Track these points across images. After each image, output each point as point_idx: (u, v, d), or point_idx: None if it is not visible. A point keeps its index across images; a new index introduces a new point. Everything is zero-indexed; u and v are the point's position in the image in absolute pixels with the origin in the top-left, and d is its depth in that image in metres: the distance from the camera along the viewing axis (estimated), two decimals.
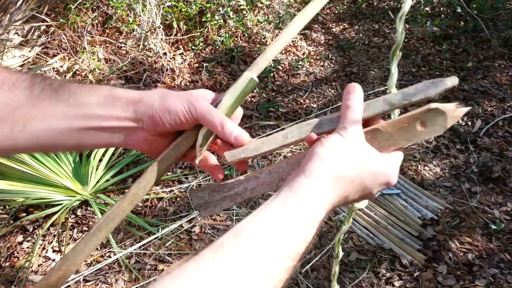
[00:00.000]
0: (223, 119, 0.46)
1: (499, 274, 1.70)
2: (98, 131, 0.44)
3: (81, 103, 0.42)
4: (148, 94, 0.45)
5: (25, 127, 0.40)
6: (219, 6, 3.26)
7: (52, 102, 0.41)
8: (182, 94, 0.46)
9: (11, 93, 0.39)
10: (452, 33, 3.60)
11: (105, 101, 0.43)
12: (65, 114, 0.42)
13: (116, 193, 2.11)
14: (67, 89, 0.42)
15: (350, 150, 0.41)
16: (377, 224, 1.92)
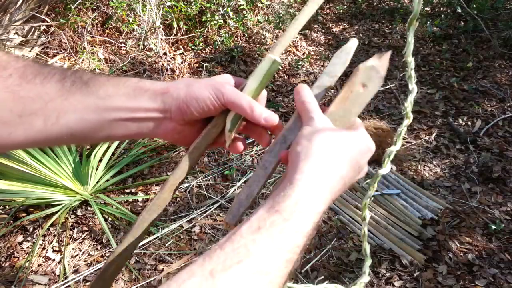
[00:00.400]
0: (252, 102, 0.46)
1: (499, 274, 1.70)
2: (128, 122, 0.45)
3: (111, 96, 0.43)
4: (174, 85, 0.46)
5: (58, 120, 0.41)
6: (219, 6, 3.26)
7: (83, 95, 0.42)
8: (207, 81, 0.46)
9: (43, 86, 0.40)
10: (452, 33, 3.60)
11: (134, 93, 0.44)
12: (96, 107, 0.42)
13: (116, 193, 2.11)
14: (97, 81, 0.43)
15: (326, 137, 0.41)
16: (377, 224, 1.92)
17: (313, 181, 0.37)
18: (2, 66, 0.39)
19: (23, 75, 0.39)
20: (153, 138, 0.61)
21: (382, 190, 2.11)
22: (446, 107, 2.79)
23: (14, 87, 0.39)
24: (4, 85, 0.38)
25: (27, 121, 0.40)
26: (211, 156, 2.38)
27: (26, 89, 0.39)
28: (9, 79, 0.38)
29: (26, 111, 0.39)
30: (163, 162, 2.30)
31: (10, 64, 0.39)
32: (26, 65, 0.40)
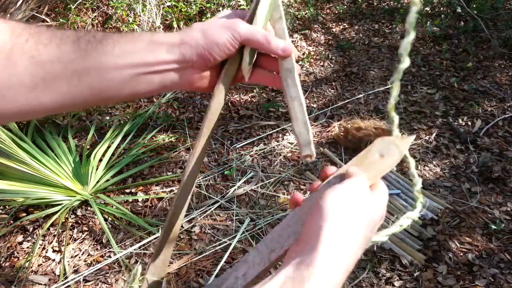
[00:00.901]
0: (267, 35, 0.47)
1: (499, 274, 1.70)
2: (149, 77, 0.45)
3: (128, 52, 0.43)
4: (189, 34, 0.46)
5: (80, 81, 0.41)
6: (219, 6, 3.26)
7: (99, 54, 0.42)
8: (219, 23, 0.47)
9: (60, 49, 0.40)
10: (452, 33, 3.60)
11: (150, 47, 0.44)
12: (115, 65, 0.43)
13: (116, 193, 2.11)
14: (111, 39, 0.43)
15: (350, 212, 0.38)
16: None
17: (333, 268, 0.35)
18: (17, 33, 0.39)
19: (38, 40, 0.39)
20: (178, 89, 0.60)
21: None
22: (446, 107, 2.79)
23: (32, 52, 0.39)
24: (23, 51, 0.38)
25: (51, 85, 0.40)
26: (211, 156, 2.38)
27: (44, 53, 0.39)
28: (26, 45, 0.39)
29: (48, 74, 0.40)
30: (163, 162, 2.30)
31: (24, 30, 0.39)
32: (40, 31, 0.40)
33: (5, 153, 1.85)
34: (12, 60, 0.38)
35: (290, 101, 0.50)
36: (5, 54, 0.38)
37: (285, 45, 0.48)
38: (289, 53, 0.49)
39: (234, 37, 0.46)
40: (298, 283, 0.33)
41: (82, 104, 0.44)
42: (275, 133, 2.56)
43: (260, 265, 0.44)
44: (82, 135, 2.47)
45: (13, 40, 0.38)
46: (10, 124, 2.19)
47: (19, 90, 0.39)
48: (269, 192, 2.12)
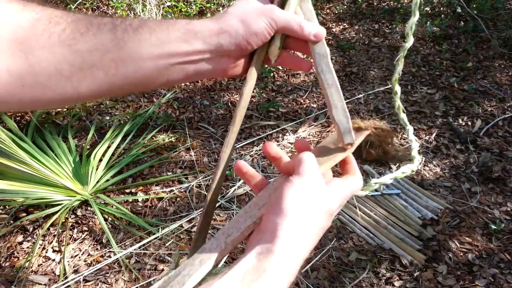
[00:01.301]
0: (301, 22, 0.48)
1: (499, 274, 1.70)
2: (184, 66, 0.45)
3: (163, 41, 0.43)
4: (227, 23, 0.45)
5: (117, 70, 0.42)
6: (219, 6, 3.26)
7: (135, 43, 0.42)
8: (255, 9, 0.46)
9: (97, 38, 0.40)
10: (452, 33, 3.60)
11: (186, 36, 0.44)
12: (151, 54, 0.43)
13: (116, 193, 2.11)
14: (146, 27, 0.43)
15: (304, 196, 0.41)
16: (377, 224, 1.92)
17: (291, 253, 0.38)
18: (55, 22, 0.39)
19: (76, 28, 0.39)
20: (212, 78, 0.61)
21: (382, 190, 2.11)
22: (446, 107, 2.79)
23: (70, 41, 0.39)
24: (60, 40, 0.38)
25: (89, 74, 0.40)
26: (211, 156, 2.38)
27: (82, 42, 0.39)
28: (64, 33, 0.39)
29: (86, 64, 0.40)
30: (163, 162, 2.30)
31: (62, 19, 0.39)
32: (77, 19, 0.40)
33: (5, 153, 1.85)
34: (50, 49, 0.38)
35: (327, 87, 0.49)
36: (43, 43, 0.38)
37: (317, 30, 0.48)
38: (321, 37, 0.49)
39: (271, 25, 0.46)
40: (258, 272, 0.36)
41: (118, 92, 0.44)
42: (275, 133, 2.56)
43: (216, 250, 0.44)
44: (82, 135, 2.47)
45: (50, 28, 0.38)
46: (10, 124, 2.19)
47: (57, 78, 0.39)
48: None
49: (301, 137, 2.53)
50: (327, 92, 0.50)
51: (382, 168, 2.28)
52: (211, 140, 2.50)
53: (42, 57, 0.38)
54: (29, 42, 0.37)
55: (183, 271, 0.42)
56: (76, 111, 2.54)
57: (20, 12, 0.38)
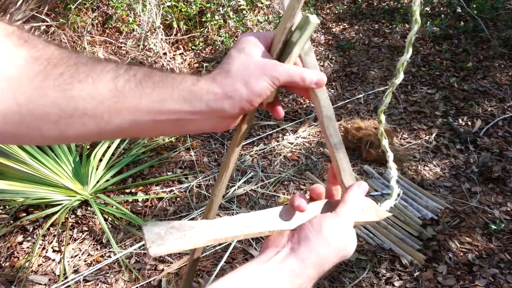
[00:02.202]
0: (302, 74, 0.47)
1: (499, 274, 1.70)
2: (183, 123, 0.45)
3: (166, 99, 0.42)
4: (231, 87, 0.44)
5: (110, 121, 0.41)
6: (219, 6, 3.26)
7: (136, 97, 0.41)
8: (259, 68, 0.45)
9: (95, 86, 0.39)
10: (452, 33, 3.60)
11: (190, 97, 0.43)
12: (150, 109, 0.42)
13: (116, 193, 2.11)
14: (151, 81, 0.42)
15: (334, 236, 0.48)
16: (377, 224, 1.92)
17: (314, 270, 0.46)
18: (54, 64, 0.38)
19: (75, 73, 0.38)
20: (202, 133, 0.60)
21: (382, 190, 2.11)
22: (446, 107, 2.79)
23: (65, 86, 0.38)
24: (55, 84, 0.37)
25: (79, 121, 0.39)
26: (211, 156, 2.38)
27: (78, 89, 0.38)
28: (61, 77, 0.38)
29: (78, 111, 0.39)
30: (163, 162, 2.30)
31: (62, 61, 0.38)
32: (79, 63, 0.39)
33: (5, 153, 1.85)
34: (42, 91, 0.37)
35: (335, 152, 0.51)
36: (36, 85, 0.37)
37: (318, 77, 0.49)
38: (321, 84, 0.49)
39: (274, 83, 0.46)
40: (296, 277, 0.44)
41: (107, 138, 0.44)
42: (275, 133, 2.56)
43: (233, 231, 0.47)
44: None
45: (48, 70, 0.37)
46: None
47: (43, 121, 0.38)
48: (269, 192, 2.12)
49: (301, 137, 2.53)
50: (335, 156, 0.52)
51: (382, 168, 2.28)
52: (211, 140, 2.51)
53: (31, 99, 0.37)
54: (21, 81, 0.36)
55: (197, 227, 0.46)
56: None
57: (18, 48, 0.37)
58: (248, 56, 0.46)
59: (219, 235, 0.46)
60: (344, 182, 0.52)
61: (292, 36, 0.47)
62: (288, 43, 0.47)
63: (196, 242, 0.45)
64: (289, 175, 2.23)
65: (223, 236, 0.47)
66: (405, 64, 0.51)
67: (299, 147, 2.46)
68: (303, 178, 2.21)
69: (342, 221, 0.48)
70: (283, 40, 0.47)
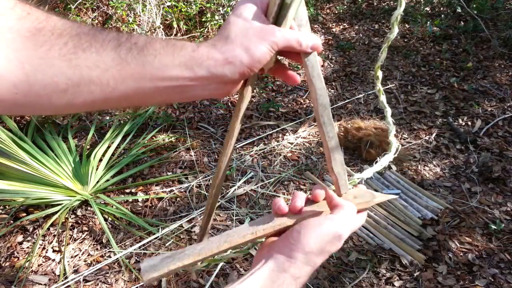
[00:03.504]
0: (298, 38, 0.48)
1: (499, 274, 1.70)
2: (185, 89, 0.46)
3: (167, 65, 0.43)
4: (232, 53, 0.45)
5: (115, 88, 0.42)
6: (219, 6, 3.26)
7: (138, 64, 0.42)
8: (257, 33, 0.46)
9: (99, 55, 0.40)
10: (452, 33, 3.60)
11: (191, 63, 0.44)
12: (152, 76, 0.43)
13: (116, 193, 2.11)
14: (152, 48, 0.43)
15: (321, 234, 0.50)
16: (377, 224, 1.92)
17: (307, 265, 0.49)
18: (57, 34, 0.39)
19: (78, 43, 0.39)
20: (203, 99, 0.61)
21: (382, 190, 2.11)
22: (446, 107, 2.79)
23: (70, 55, 0.39)
24: (60, 53, 0.38)
25: (86, 89, 0.40)
26: (211, 156, 2.38)
27: (82, 58, 0.39)
28: (65, 47, 0.39)
29: (84, 79, 0.40)
30: (163, 162, 2.30)
31: (65, 31, 0.39)
32: (81, 32, 0.40)
33: (5, 153, 1.85)
34: (49, 61, 0.38)
35: (328, 140, 0.52)
36: (43, 55, 0.38)
37: (314, 41, 0.49)
38: (317, 48, 0.50)
39: (273, 48, 0.46)
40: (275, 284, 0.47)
41: (113, 106, 0.45)
42: (275, 133, 2.56)
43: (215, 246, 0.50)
44: (82, 135, 2.47)
45: (52, 40, 0.38)
46: (10, 124, 2.19)
47: (52, 90, 0.39)
48: (269, 192, 2.12)
49: (301, 137, 2.53)
50: (327, 144, 0.52)
51: (382, 168, 2.28)
52: (211, 140, 2.50)
53: (39, 68, 0.38)
54: (28, 52, 0.37)
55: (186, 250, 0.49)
56: None
57: (23, 20, 0.38)
58: (246, 21, 0.47)
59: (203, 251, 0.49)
60: (334, 170, 0.54)
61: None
62: (283, 5, 0.48)
63: (184, 262, 0.48)
64: (289, 175, 2.23)
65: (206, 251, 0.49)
66: (399, 19, 0.53)
67: (299, 147, 2.46)
68: (303, 178, 2.21)
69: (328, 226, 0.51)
70: (278, 3, 0.48)
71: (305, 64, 0.50)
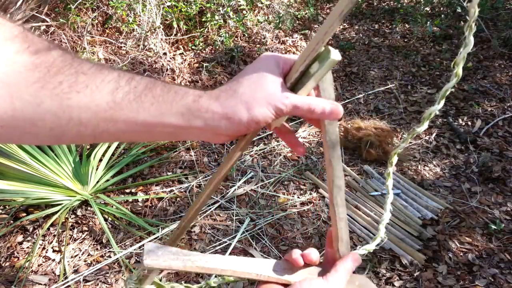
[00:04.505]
0: (310, 105, 0.45)
1: (499, 274, 1.70)
2: (177, 136, 0.45)
3: (163, 114, 0.42)
4: (233, 109, 0.43)
5: (106, 130, 0.41)
6: (219, 6, 3.26)
7: (133, 110, 0.41)
8: (267, 98, 0.44)
9: (93, 98, 0.39)
10: (452, 33, 3.60)
11: (188, 113, 0.43)
12: (146, 123, 0.42)
13: (116, 193, 2.11)
14: (151, 95, 0.42)
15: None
16: (377, 224, 1.91)
17: None
18: (54, 72, 0.38)
19: (74, 83, 0.39)
20: None
21: (382, 190, 2.11)
22: (446, 107, 2.79)
23: (63, 95, 0.38)
24: (53, 93, 0.38)
25: (74, 129, 0.40)
26: (211, 156, 2.38)
27: (75, 99, 0.38)
28: (59, 86, 0.38)
29: (73, 120, 0.39)
30: (163, 162, 2.30)
31: (62, 69, 0.39)
32: (79, 71, 0.39)
33: (5, 153, 1.85)
34: (38, 99, 0.37)
35: (338, 220, 0.52)
36: (34, 92, 0.37)
37: (331, 107, 0.46)
38: (336, 114, 0.46)
39: (277, 113, 0.44)
40: None
41: (103, 141, 0.45)
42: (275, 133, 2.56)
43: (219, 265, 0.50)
44: None
45: (47, 78, 0.38)
46: None
47: (38, 127, 0.39)
48: (269, 192, 2.12)
49: (301, 137, 2.53)
50: (337, 225, 0.52)
51: (382, 168, 2.28)
52: None
53: (28, 105, 0.37)
54: (19, 87, 0.36)
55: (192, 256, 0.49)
56: None
57: (21, 54, 0.37)
58: (260, 79, 0.45)
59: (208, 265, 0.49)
60: (340, 251, 0.53)
61: (311, 67, 0.45)
62: (306, 73, 0.46)
63: (186, 265, 0.48)
64: (289, 175, 2.23)
65: (211, 267, 0.49)
66: (433, 115, 0.46)
67: None
68: (303, 178, 2.21)
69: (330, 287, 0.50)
70: (301, 71, 0.46)
71: (324, 144, 0.49)
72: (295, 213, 2.00)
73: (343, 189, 0.51)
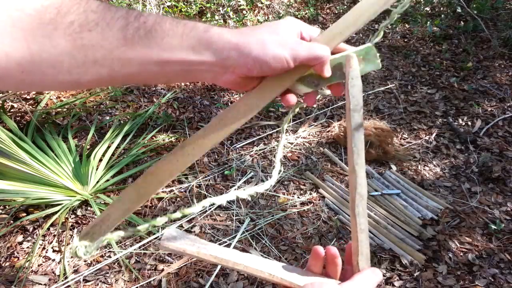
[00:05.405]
0: (325, 59, 0.46)
1: (499, 274, 1.70)
2: (189, 73, 0.45)
3: (174, 48, 0.42)
4: (245, 41, 0.43)
5: (121, 69, 0.41)
6: (219, 6, 3.26)
7: (145, 46, 0.41)
8: (283, 38, 0.44)
9: (104, 35, 0.39)
10: (452, 33, 3.60)
11: (199, 46, 0.43)
12: (159, 59, 0.42)
13: (116, 193, 2.11)
14: (160, 30, 0.42)
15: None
16: (377, 224, 1.92)
17: None
18: (64, 12, 0.38)
19: (84, 22, 0.38)
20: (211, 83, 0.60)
21: (382, 190, 2.11)
22: (446, 107, 2.79)
23: (75, 35, 0.38)
24: (65, 33, 0.38)
25: (91, 69, 0.40)
26: (211, 156, 2.38)
27: (87, 38, 0.38)
28: (71, 26, 0.38)
29: (89, 59, 0.39)
30: None
31: (72, 9, 0.39)
32: (88, 10, 0.39)
33: (5, 153, 1.85)
34: (53, 40, 0.37)
35: (359, 232, 0.49)
36: (48, 34, 0.37)
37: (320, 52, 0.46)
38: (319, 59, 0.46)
39: (292, 58, 0.44)
40: None
41: (118, 84, 0.46)
42: (275, 133, 2.56)
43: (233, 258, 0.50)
44: (82, 135, 2.47)
45: (58, 19, 0.38)
46: (10, 124, 2.19)
47: (57, 69, 0.39)
48: (269, 192, 2.12)
49: (301, 137, 2.53)
50: (357, 237, 0.49)
51: (382, 168, 2.28)
52: None
53: (44, 47, 0.37)
54: (33, 31, 0.37)
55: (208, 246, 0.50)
56: (76, 111, 2.54)
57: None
58: (278, 28, 0.45)
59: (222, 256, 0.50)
60: (359, 265, 0.51)
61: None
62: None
63: (200, 252, 0.49)
64: (289, 175, 2.23)
65: (225, 258, 0.50)
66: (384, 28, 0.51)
67: (299, 147, 2.46)
68: (303, 178, 2.21)
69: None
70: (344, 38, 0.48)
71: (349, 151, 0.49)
72: (295, 213, 2.00)
73: (366, 198, 0.49)
